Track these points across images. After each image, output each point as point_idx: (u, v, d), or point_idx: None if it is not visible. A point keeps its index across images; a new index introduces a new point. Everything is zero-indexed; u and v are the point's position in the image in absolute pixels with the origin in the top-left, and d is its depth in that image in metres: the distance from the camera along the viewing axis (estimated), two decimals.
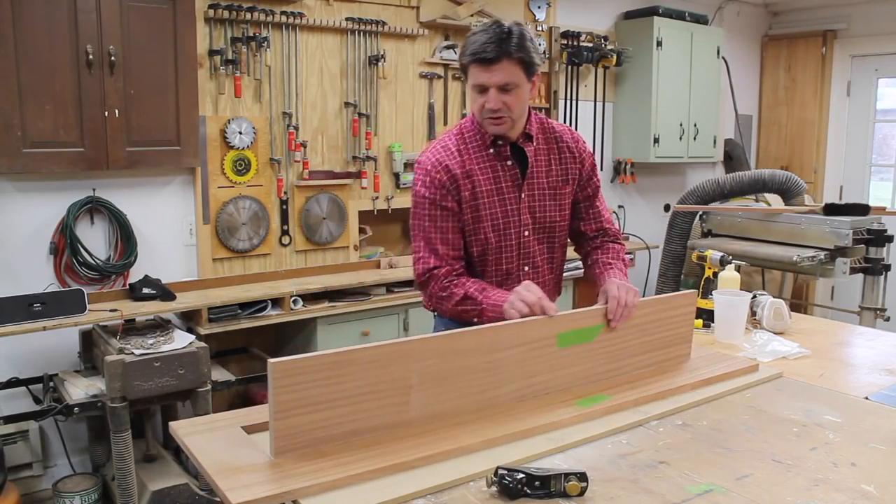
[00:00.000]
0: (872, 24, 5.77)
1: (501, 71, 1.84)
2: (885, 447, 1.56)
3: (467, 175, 1.97)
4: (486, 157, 2.00)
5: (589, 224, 2.16)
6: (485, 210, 1.99)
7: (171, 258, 3.63)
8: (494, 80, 1.86)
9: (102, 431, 3.18)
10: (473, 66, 1.86)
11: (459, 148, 2.00)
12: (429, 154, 2.01)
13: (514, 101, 1.89)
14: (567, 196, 2.09)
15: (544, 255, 2.09)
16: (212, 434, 1.54)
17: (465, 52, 1.89)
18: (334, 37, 3.99)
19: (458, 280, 1.95)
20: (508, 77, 1.86)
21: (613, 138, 5.41)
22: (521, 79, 1.88)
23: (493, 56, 1.82)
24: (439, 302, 1.98)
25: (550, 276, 2.13)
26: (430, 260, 1.97)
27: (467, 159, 1.99)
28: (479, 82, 1.88)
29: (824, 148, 6.08)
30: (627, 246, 5.00)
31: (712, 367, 1.98)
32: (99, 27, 3.14)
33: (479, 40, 1.84)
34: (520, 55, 1.85)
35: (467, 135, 2.02)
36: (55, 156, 3.13)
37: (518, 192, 2.01)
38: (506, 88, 1.87)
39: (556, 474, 1.33)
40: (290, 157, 3.91)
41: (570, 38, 4.96)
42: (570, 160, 2.08)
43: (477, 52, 1.84)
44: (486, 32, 1.85)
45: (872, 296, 4.21)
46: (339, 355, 1.45)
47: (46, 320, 2.94)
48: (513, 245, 2.02)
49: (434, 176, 1.97)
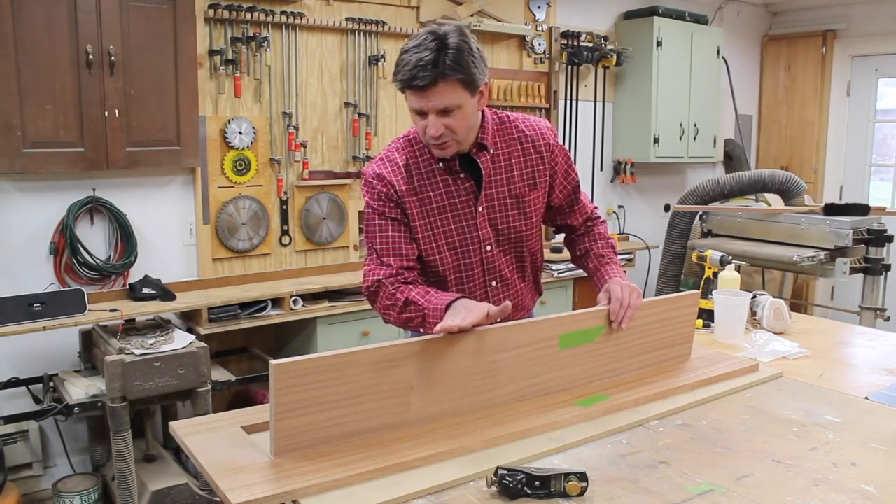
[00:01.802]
0: (872, 24, 5.77)
1: (438, 95, 1.67)
2: (885, 447, 1.56)
3: (414, 192, 1.84)
4: (436, 170, 1.85)
5: (576, 218, 2.07)
6: (437, 228, 1.86)
7: (171, 258, 3.63)
8: (432, 106, 1.69)
9: (102, 431, 3.18)
10: (408, 91, 1.70)
11: (408, 161, 1.86)
12: (373, 166, 1.88)
13: (457, 123, 1.72)
14: (534, 202, 1.93)
15: (512, 266, 1.97)
16: (212, 434, 1.54)
17: (396, 74, 1.70)
18: (334, 37, 3.99)
19: (403, 287, 1.81)
20: (448, 100, 1.68)
21: (613, 138, 5.41)
22: (462, 98, 1.70)
23: (428, 82, 1.65)
24: (387, 312, 1.84)
25: (523, 285, 2.02)
26: (378, 271, 1.84)
27: (416, 174, 1.84)
28: (416, 108, 1.72)
29: (824, 148, 6.08)
30: (627, 246, 5.02)
31: (712, 367, 1.98)
32: (99, 27, 3.14)
33: (411, 62, 1.65)
34: (458, 76, 1.66)
35: (416, 145, 1.87)
36: (55, 156, 3.13)
37: (474, 205, 1.86)
38: (446, 112, 1.70)
39: (556, 474, 1.33)
40: (290, 157, 3.91)
41: (570, 38, 4.96)
42: (537, 161, 1.92)
43: (408, 80, 1.66)
44: (418, 50, 1.65)
45: (872, 296, 4.21)
46: (341, 357, 1.44)
47: (46, 320, 2.94)
48: (474, 262, 1.90)
49: (377, 188, 1.85)
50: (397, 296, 1.80)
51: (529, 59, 4.85)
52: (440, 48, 1.65)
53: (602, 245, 2.05)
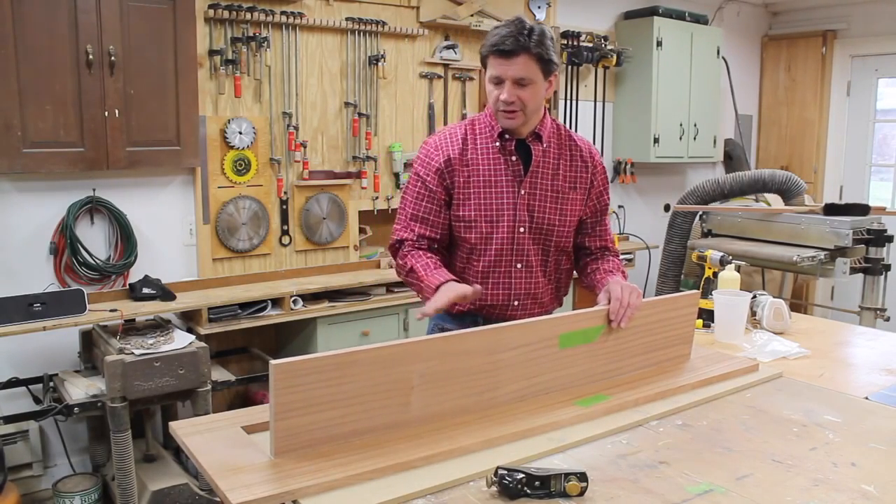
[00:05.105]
0: (872, 24, 5.77)
1: (518, 64, 1.87)
2: (885, 447, 1.56)
3: (466, 163, 2.01)
4: (491, 148, 2.02)
5: (594, 240, 2.15)
6: (479, 199, 2.00)
7: (171, 258, 3.63)
8: (511, 73, 1.89)
9: (102, 431, 3.18)
10: (492, 57, 1.90)
11: (466, 136, 2.03)
12: (435, 137, 2.07)
13: (528, 96, 1.91)
14: (572, 203, 2.06)
15: (539, 257, 2.06)
16: (212, 434, 1.53)
17: (485, 43, 1.92)
18: (334, 37, 3.99)
19: (414, 252, 2.00)
20: (525, 71, 1.88)
21: (613, 138, 5.41)
22: (537, 75, 1.91)
23: (511, 49, 1.86)
24: (398, 270, 2.06)
25: (543, 280, 2.08)
26: (402, 232, 2.04)
27: (471, 148, 2.02)
28: (495, 74, 1.91)
29: (824, 148, 6.08)
30: (628, 246, 5.02)
31: (712, 367, 1.98)
32: (99, 27, 3.14)
33: (500, 33, 1.88)
34: (538, 51, 1.88)
35: (478, 126, 2.05)
36: (55, 156, 3.13)
37: (517, 187, 2.01)
38: (521, 83, 1.90)
39: (556, 474, 1.33)
40: (290, 157, 3.91)
41: (571, 38, 4.96)
42: (581, 168, 2.08)
43: (496, 44, 1.87)
44: (507, 27, 1.89)
45: (872, 296, 4.21)
46: (341, 357, 1.44)
47: (46, 320, 2.94)
48: (504, 238, 2.00)
49: (432, 158, 2.02)
50: (407, 260, 2.00)
51: None
52: (528, 29, 1.89)
53: (612, 266, 2.10)
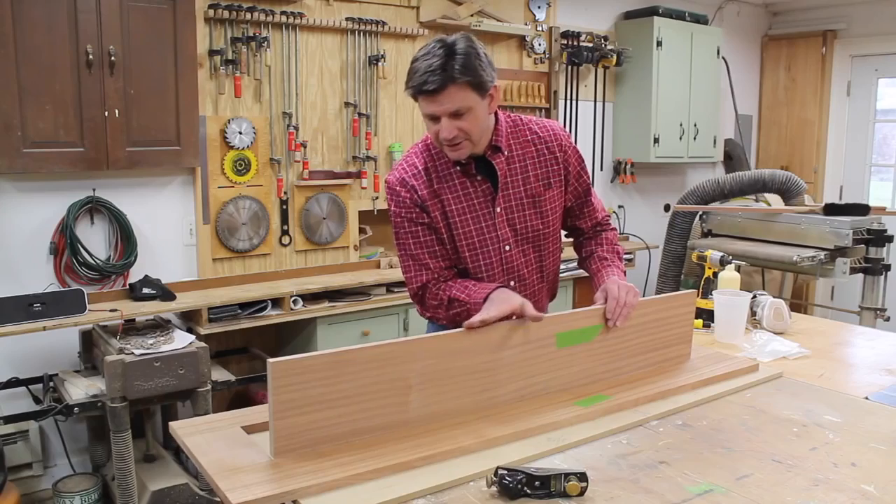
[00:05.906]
0: (872, 24, 5.77)
1: (449, 98, 1.73)
2: (885, 447, 1.56)
3: (435, 195, 1.91)
4: (454, 174, 1.91)
5: (584, 221, 2.11)
6: (458, 230, 1.92)
7: (171, 258, 3.63)
8: (443, 109, 1.75)
9: (102, 431, 3.18)
10: (420, 97, 1.76)
11: (427, 165, 1.92)
12: (396, 173, 1.95)
13: (469, 125, 1.78)
14: (551, 201, 1.99)
15: (532, 267, 2.01)
16: (212, 434, 1.53)
17: (408, 82, 1.77)
18: (334, 37, 3.99)
19: (444, 285, 1.91)
20: (458, 103, 1.74)
21: (613, 138, 5.41)
22: (473, 101, 1.76)
23: (438, 86, 1.71)
24: (435, 312, 1.94)
25: (541, 286, 2.06)
26: (421, 276, 1.93)
27: (435, 178, 1.91)
28: (428, 112, 1.78)
29: (824, 148, 6.08)
30: (627, 246, 5.01)
31: (712, 367, 1.98)
32: (99, 27, 3.14)
33: (421, 69, 1.72)
34: (466, 79, 1.72)
35: (434, 150, 1.93)
36: (55, 156, 3.13)
37: (492, 206, 1.92)
38: (457, 114, 1.76)
39: (556, 474, 1.33)
40: (290, 157, 3.91)
41: (570, 38, 4.96)
42: (551, 161, 1.97)
43: (419, 86, 1.73)
44: (427, 58, 1.73)
45: (872, 296, 4.21)
46: (339, 355, 1.45)
47: (46, 320, 2.94)
48: (493, 262, 1.95)
49: (403, 195, 1.92)
50: (441, 295, 1.90)
51: (529, 59, 4.85)
52: (448, 54, 1.72)
53: (607, 249, 2.08)
